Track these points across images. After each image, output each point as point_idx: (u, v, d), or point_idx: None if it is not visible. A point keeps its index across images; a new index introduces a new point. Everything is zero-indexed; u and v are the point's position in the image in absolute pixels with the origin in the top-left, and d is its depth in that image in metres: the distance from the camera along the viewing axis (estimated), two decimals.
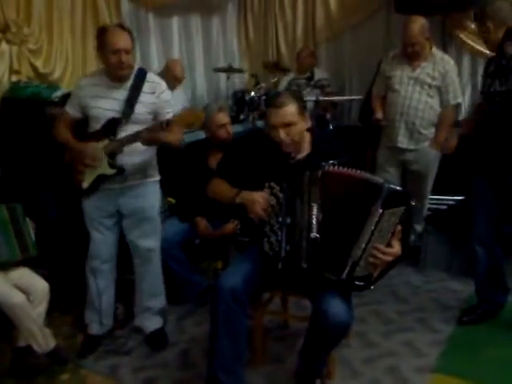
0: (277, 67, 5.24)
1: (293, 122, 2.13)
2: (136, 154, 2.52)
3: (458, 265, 3.26)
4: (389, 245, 1.96)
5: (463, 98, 3.98)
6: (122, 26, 2.49)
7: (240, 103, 4.64)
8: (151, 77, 2.59)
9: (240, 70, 5.10)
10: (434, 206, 3.77)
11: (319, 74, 4.89)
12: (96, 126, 2.52)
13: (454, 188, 3.74)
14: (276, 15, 5.59)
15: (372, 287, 2.03)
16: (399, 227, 1.97)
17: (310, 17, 5.37)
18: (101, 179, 2.53)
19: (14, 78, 3.77)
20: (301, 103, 2.20)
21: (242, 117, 4.50)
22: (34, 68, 3.91)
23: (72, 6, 4.20)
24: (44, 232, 2.79)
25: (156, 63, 4.87)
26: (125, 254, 2.80)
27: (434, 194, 3.72)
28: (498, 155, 2.53)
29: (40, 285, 2.53)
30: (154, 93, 2.53)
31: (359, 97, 4.57)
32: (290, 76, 4.98)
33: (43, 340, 2.46)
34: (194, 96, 5.34)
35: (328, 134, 4.03)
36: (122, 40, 2.40)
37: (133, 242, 2.72)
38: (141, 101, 2.49)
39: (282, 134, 2.13)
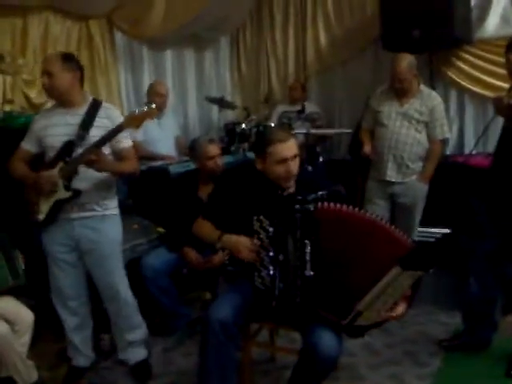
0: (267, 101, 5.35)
1: (298, 153, 2.19)
2: (93, 180, 2.50)
3: (446, 297, 3.26)
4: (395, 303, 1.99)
5: (450, 133, 4.06)
6: (61, 53, 2.55)
7: (231, 135, 4.69)
8: (106, 105, 2.62)
9: (232, 106, 5.18)
10: (423, 239, 3.79)
11: (310, 107, 4.98)
12: (52, 155, 2.52)
13: (441, 221, 3.77)
14: (268, 50, 5.73)
15: (364, 337, 2.08)
16: (408, 292, 1.99)
17: (301, 52, 5.50)
18: (57, 206, 2.49)
19: (7, 108, 3.81)
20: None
21: (232, 148, 4.54)
22: (28, 98, 3.95)
23: (67, 38, 4.29)
24: (31, 261, 2.78)
25: None
26: None
27: (421, 226, 3.74)
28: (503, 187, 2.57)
29: (25, 315, 2.50)
30: (109, 117, 2.53)
31: (349, 130, 4.64)
32: (281, 109, 5.06)
33: (26, 372, 2.43)
34: (186, 127, 5.39)
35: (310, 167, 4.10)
36: (45, 62, 2.49)
37: (96, 281, 2.65)
38: (96, 125, 2.49)
39: (293, 165, 2.16)
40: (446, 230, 3.60)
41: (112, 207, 2.66)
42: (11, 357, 2.37)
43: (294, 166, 2.17)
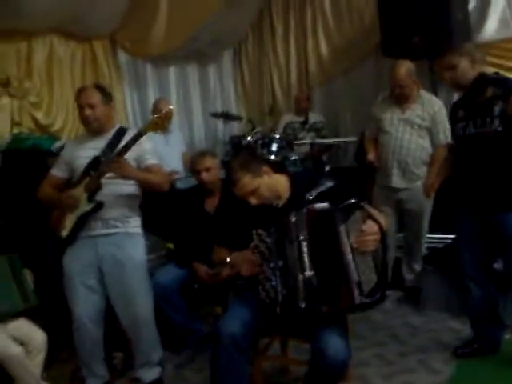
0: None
1: (255, 188, 2.23)
2: (117, 197, 2.57)
3: (458, 304, 3.24)
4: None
5: None
6: (95, 85, 2.71)
7: (237, 148, 4.72)
8: (132, 130, 2.68)
9: (237, 118, 5.21)
10: (432, 245, 3.78)
11: (313, 117, 5.01)
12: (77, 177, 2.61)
13: (450, 226, 3.75)
14: (270, 61, 5.79)
15: (386, 293, 2.04)
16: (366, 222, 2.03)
17: (303, 62, 5.56)
18: (81, 221, 2.54)
19: (16, 130, 3.88)
20: (251, 166, 2.27)
21: None
22: (35, 120, 4.02)
23: (71, 59, 4.37)
24: (42, 281, 2.81)
25: None
26: None
27: (431, 232, 3.74)
28: (481, 192, 2.57)
29: (38, 336, 2.53)
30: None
31: (353, 139, 4.65)
32: (286, 119, 5.09)
33: None
34: (192, 142, 5.44)
35: (305, 172, 4.10)
36: (86, 97, 2.57)
37: (115, 300, 2.65)
38: (122, 144, 2.54)
39: (254, 200, 2.23)
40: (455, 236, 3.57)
41: (135, 226, 2.70)
42: (26, 378, 2.39)
43: (254, 199, 2.22)
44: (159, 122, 2.45)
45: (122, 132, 2.64)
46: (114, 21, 4.49)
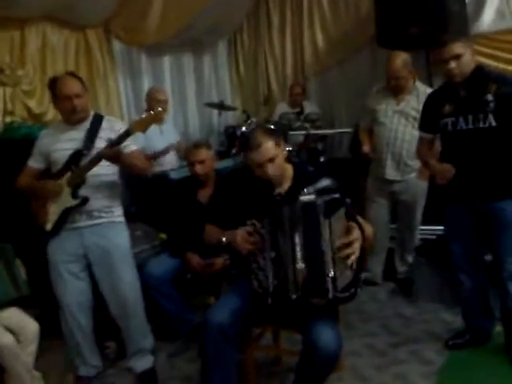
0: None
1: (275, 155, 2.21)
2: (100, 188, 2.56)
3: (450, 295, 3.25)
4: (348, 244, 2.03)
5: None
6: (71, 74, 2.63)
7: (231, 138, 4.72)
8: (108, 117, 2.69)
9: (232, 108, 5.19)
10: (425, 237, 3.79)
11: (309, 107, 5.00)
12: (57, 169, 2.58)
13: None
14: (266, 52, 5.76)
15: (359, 289, 2.07)
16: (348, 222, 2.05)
17: (299, 53, 5.54)
18: (65, 215, 2.54)
19: (8, 119, 3.84)
20: (274, 134, 2.27)
21: (233, 151, 4.56)
22: (28, 109, 3.98)
23: (65, 48, 4.32)
24: (35, 271, 2.80)
25: None
26: None
27: (424, 224, 3.74)
28: (474, 184, 2.57)
29: (30, 325, 2.52)
30: (112, 129, 2.59)
31: (348, 130, 4.65)
32: (280, 110, 5.07)
33: (32, 383, 2.44)
34: (186, 131, 5.42)
35: (304, 165, 4.09)
36: (72, 87, 2.51)
37: (104, 290, 2.66)
38: (100, 136, 2.56)
39: (270, 169, 2.20)
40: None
41: (118, 214, 2.71)
42: (17, 368, 2.39)
43: (272, 168, 2.20)
44: (146, 122, 2.42)
45: (98, 119, 2.62)
46: (108, 9, 4.44)
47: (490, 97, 2.43)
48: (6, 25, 3.90)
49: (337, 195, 2.06)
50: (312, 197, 2.04)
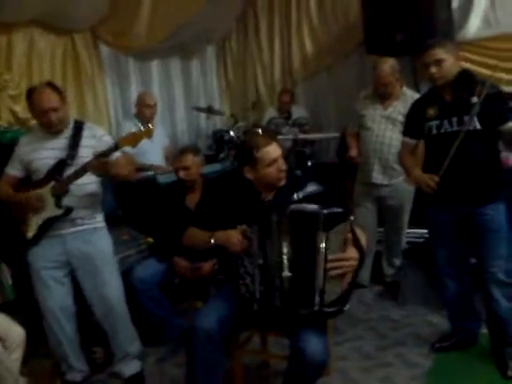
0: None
1: (281, 155, 2.26)
2: (82, 197, 2.55)
3: (437, 298, 3.26)
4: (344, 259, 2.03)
5: None
6: (50, 85, 2.53)
7: (219, 142, 4.73)
8: (89, 124, 2.67)
9: (220, 113, 5.20)
10: (412, 240, 3.82)
11: (297, 112, 5.03)
12: (38, 178, 2.55)
13: None
14: (254, 57, 5.77)
15: (346, 308, 2.05)
16: (349, 236, 2.03)
17: (287, 57, 5.55)
18: (48, 223, 2.52)
19: None
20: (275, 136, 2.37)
21: (221, 156, 4.57)
22: (14, 113, 3.95)
23: (51, 52, 4.29)
24: (20, 276, 2.78)
25: None
26: None
27: (410, 227, 3.77)
28: (460, 187, 2.59)
29: (16, 331, 2.49)
30: (94, 137, 2.59)
31: (335, 134, 4.67)
32: (269, 115, 5.09)
33: None
34: (174, 136, 5.41)
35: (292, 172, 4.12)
36: (48, 100, 2.44)
37: (89, 294, 2.65)
38: (83, 145, 2.54)
39: (282, 163, 2.24)
40: None
41: (100, 220, 2.71)
42: (3, 374, 2.36)
43: (283, 163, 2.25)
44: (136, 138, 2.40)
45: (79, 127, 2.59)
46: (95, 14, 4.42)
47: (475, 99, 2.45)
48: None
49: (340, 210, 2.05)
50: (314, 206, 2.03)
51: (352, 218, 2.06)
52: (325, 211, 2.00)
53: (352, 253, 2.03)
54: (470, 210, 2.60)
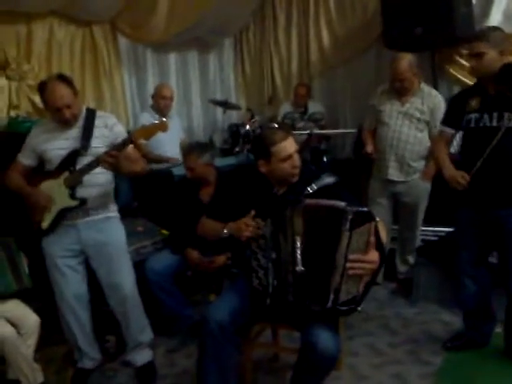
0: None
1: (297, 148, 2.26)
2: (96, 187, 2.56)
3: (450, 296, 3.25)
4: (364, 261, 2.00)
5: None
6: (61, 78, 2.50)
7: (235, 136, 4.73)
8: (100, 112, 2.67)
9: (236, 107, 5.20)
10: (426, 238, 3.79)
11: (313, 107, 5.00)
12: (52, 168, 2.57)
13: (445, 219, 3.76)
14: (271, 51, 5.76)
15: (359, 308, 2.04)
16: (372, 239, 1.99)
17: (304, 52, 5.52)
18: (62, 214, 2.54)
19: (13, 113, 3.86)
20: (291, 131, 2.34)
21: (236, 149, 4.58)
22: (33, 103, 4.00)
23: (71, 43, 4.34)
24: (37, 264, 2.82)
25: None
26: None
27: (425, 225, 3.74)
28: (493, 187, 2.53)
29: (31, 318, 2.54)
30: (106, 126, 2.59)
31: (352, 130, 4.65)
32: (285, 110, 5.07)
33: (32, 375, 2.47)
34: (190, 129, 5.43)
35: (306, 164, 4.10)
36: (61, 97, 2.43)
37: (103, 283, 2.68)
38: (95, 135, 2.55)
39: (297, 159, 2.22)
40: (449, 229, 3.58)
41: (114, 210, 2.74)
42: (17, 359, 2.41)
43: (298, 159, 2.23)
44: (150, 132, 2.39)
45: (91, 116, 2.59)
46: (114, 5, 4.45)
47: None
48: (12, 19, 3.92)
49: (366, 209, 2.00)
50: (341, 203, 1.97)
51: (378, 219, 2.02)
52: (353, 209, 1.94)
53: (373, 256, 2.00)
54: (498, 212, 2.54)
